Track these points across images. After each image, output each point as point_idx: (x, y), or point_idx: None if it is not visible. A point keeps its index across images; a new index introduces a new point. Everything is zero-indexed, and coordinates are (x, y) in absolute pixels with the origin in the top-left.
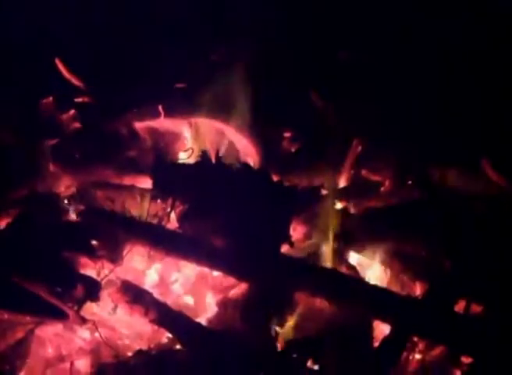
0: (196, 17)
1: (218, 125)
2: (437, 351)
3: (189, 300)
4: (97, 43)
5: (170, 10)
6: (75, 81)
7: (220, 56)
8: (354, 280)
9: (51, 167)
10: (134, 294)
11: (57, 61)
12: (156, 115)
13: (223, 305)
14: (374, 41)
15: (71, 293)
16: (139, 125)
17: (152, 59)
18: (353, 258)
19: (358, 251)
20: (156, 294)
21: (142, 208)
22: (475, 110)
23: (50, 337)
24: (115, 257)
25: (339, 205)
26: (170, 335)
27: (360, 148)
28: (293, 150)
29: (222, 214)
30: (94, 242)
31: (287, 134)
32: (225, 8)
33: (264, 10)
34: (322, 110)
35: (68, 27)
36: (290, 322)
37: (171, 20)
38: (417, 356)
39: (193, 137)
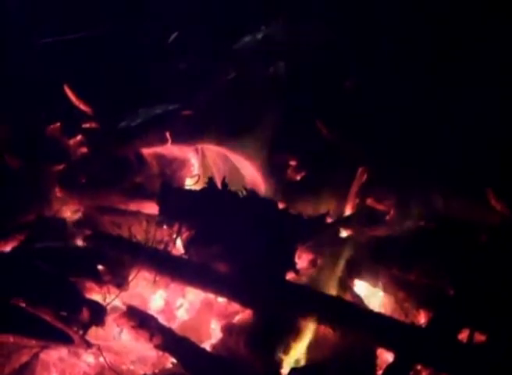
0: (204, 43)
1: (225, 152)
2: None
3: (193, 326)
4: (106, 69)
5: (179, 36)
6: (82, 107)
7: (228, 83)
8: (358, 307)
9: (58, 192)
10: (139, 320)
11: (65, 87)
12: (163, 141)
13: (228, 331)
14: (379, 69)
15: (76, 317)
16: (146, 151)
17: (160, 86)
18: (358, 286)
19: (363, 279)
20: (161, 320)
21: (148, 234)
22: (480, 140)
23: (55, 361)
24: (120, 282)
25: (344, 234)
26: (175, 360)
27: (365, 176)
28: (298, 178)
29: (228, 241)
30: (99, 267)
31: (293, 162)
32: (233, 34)
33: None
34: (328, 139)
35: (76, 54)
36: (294, 349)
37: (179, 47)
38: None
39: (200, 163)
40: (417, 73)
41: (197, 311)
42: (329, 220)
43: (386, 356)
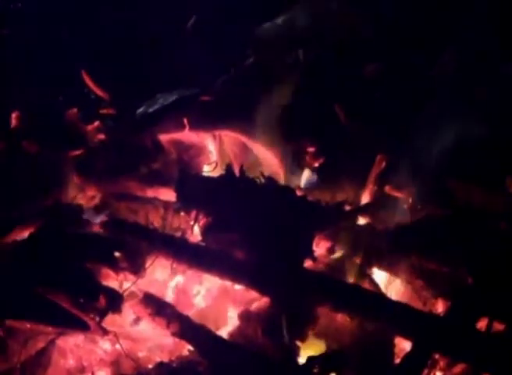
0: (225, 29)
1: (243, 138)
2: (458, 369)
3: (210, 313)
4: (123, 54)
5: (198, 24)
6: (99, 93)
7: (248, 69)
8: (376, 295)
9: (75, 178)
10: (156, 307)
11: (83, 73)
12: (181, 127)
13: (245, 318)
14: (398, 55)
15: (93, 304)
16: (163, 137)
17: (178, 71)
18: (376, 274)
19: (381, 267)
20: (178, 307)
21: (165, 221)
22: (501, 127)
23: (71, 347)
24: (137, 269)
25: (362, 221)
26: (191, 348)
27: (384, 163)
28: (316, 165)
29: (246, 228)
30: (116, 254)
31: (311, 149)
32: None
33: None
34: (347, 125)
35: (93, 39)
36: (311, 337)
37: (199, 33)
38: (438, 374)
39: (218, 150)
40: (439, 57)
41: (214, 298)
42: (347, 208)
43: (404, 345)
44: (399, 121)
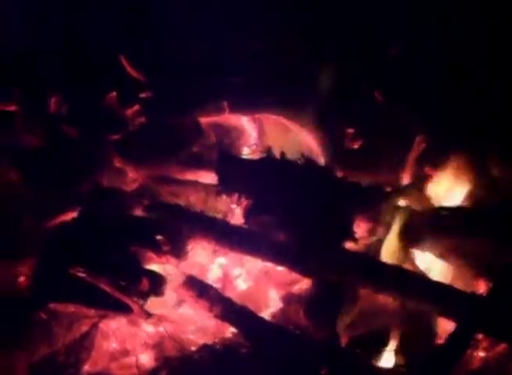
0: (264, 14)
1: (283, 121)
2: (501, 348)
3: (251, 295)
4: (163, 39)
5: (239, 6)
6: (138, 76)
7: (287, 54)
8: (418, 276)
9: (116, 162)
10: (199, 289)
11: (121, 57)
12: (221, 110)
13: (287, 300)
14: (440, 36)
15: (136, 287)
16: (203, 120)
17: (218, 55)
18: (417, 254)
19: (422, 247)
20: (220, 289)
21: (206, 204)
22: None
23: (114, 330)
24: (180, 252)
25: (402, 202)
26: (234, 330)
27: (423, 145)
28: (356, 146)
29: (287, 210)
30: (159, 237)
31: (350, 131)
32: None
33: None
34: (386, 107)
35: (132, 24)
36: (354, 318)
37: (238, 16)
38: (481, 354)
39: (258, 132)
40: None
41: (256, 280)
42: (388, 189)
43: (447, 325)
44: (439, 101)
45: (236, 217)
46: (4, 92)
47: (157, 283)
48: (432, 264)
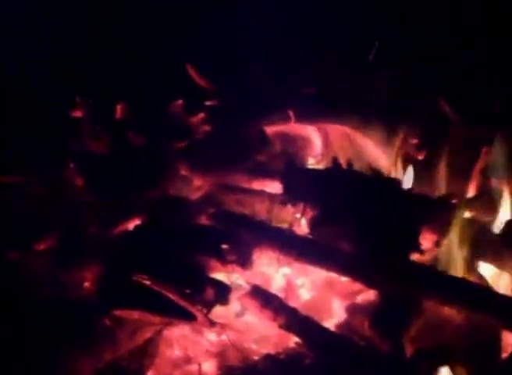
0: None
1: (348, 131)
2: None
3: (315, 305)
4: (228, 46)
5: (305, 13)
6: (205, 85)
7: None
8: (484, 289)
9: (182, 170)
10: (263, 299)
11: (187, 66)
12: (286, 119)
13: (351, 310)
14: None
15: (200, 296)
16: (269, 129)
17: (282, 63)
18: (483, 267)
19: (488, 260)
20: (284, 299)
21: (271, 213)
22: None
23: (177, 338)
24: (245, 261)
25: (468, 215)
26: (297, 340)
27: (489, 156)
28: (420, 157)
29: (352, 220)
30: (224, 246)
31: (414, 141)
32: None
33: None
34: (451, 118)
35: (198, 32)
36: (419, 330)
37: (304, 24)
38: None
39: (323, 142)
40: None
41: (319, 290)
42: (454, 201)
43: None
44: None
45: (301, 227)
46: (69, 98)
47: (222, 292)
48: (497, 278)
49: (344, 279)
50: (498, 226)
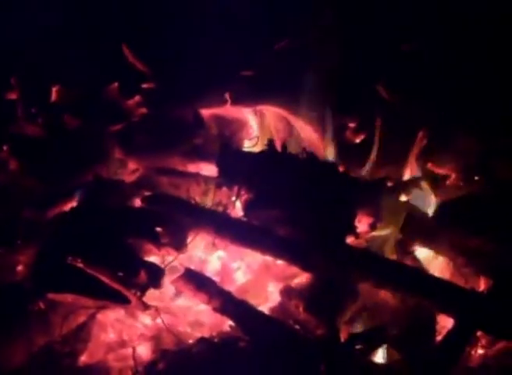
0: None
1: (284, 114)
2: (500, 345)
3: (250, 288)
4: (163, 29)
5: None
6: (140, 67)
7: (288, 45)
8: (419, 272)
9: (117, 153)
10: (198, 282)
11: (123, 47)
12: (222, 102)
13: (286, 294)
14: (439, 31)
15: (134, 279)
16: (205, 112)
17: (219, 46)
18: (418, 250)
19: (423, 243)
20: (219, 283)
21: (206, 196)
22: None
23: (112, 322)
24: (179, 244)
25: (404, 198)
26: (232, 323)
27: (425, 140)
28: (357, 141)
29: (287, 203)
30: (158, 229)
31: (352, 125)
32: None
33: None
34: (388, 101)
35: (134, 14)
36: (353, 313)
37: (239, 8)
38: (480, 351)
39: (259, 125)
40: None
41: (255, 274)
42: (389, 184)
43: (446, 322)
44: (443, 96)
45: (237, 210)
46: (3, 80)
47: (155, 276)
48: (432, 260)
49: (280, 262)
50: (432, 209)
